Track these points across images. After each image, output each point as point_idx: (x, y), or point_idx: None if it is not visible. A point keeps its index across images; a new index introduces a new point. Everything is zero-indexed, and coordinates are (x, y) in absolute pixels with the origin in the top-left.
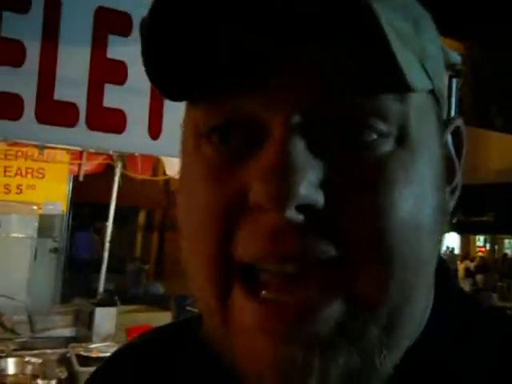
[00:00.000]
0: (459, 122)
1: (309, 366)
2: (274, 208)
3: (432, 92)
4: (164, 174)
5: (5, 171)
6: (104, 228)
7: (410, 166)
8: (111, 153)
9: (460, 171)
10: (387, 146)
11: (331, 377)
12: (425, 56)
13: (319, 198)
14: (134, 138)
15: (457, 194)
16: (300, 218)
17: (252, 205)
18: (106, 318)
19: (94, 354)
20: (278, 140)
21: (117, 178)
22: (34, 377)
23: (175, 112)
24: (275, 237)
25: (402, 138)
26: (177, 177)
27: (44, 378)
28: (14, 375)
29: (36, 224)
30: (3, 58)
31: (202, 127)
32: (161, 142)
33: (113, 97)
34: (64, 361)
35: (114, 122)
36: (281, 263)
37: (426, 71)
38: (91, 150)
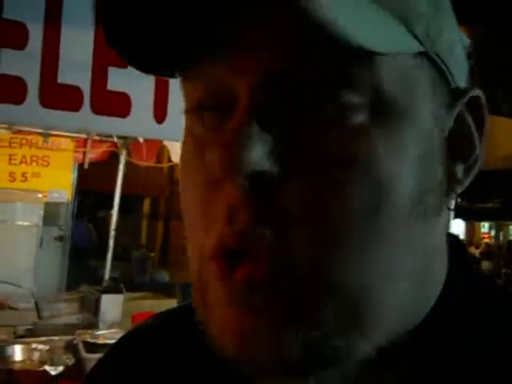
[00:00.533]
0: (477, 92)
1: (269, 338)
2: (226, 175)
3: (427, 56)
4: (169, 160)
5: (10, 159)
6: (109, 216)
7: (384, 141)
8: (116, 140)
9: (481, 147)
10: (357, 118)
11: (291, 349)
12: (411, 15)
13: (273, 169)
14: (139, 122)
15: (474, 171)
16: (252, 187)
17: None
18: (112, 305)
19: (100, 341)
20: (241, 108)
21: (122, 166)
22: (42, 363)
23: (181, 95)
24: (230, 217)
25: (377, 110)
26: None
27: (51, 364)
28: (22, 361)
29: (41, 212)
30: (5, 41)
31: (187, 100)
32: (166, 126)
33: (117, 80)
34: (71, 347)
35: (118, 105)
36: (239, 246)
37: (411, 31)
38: (96, 138)
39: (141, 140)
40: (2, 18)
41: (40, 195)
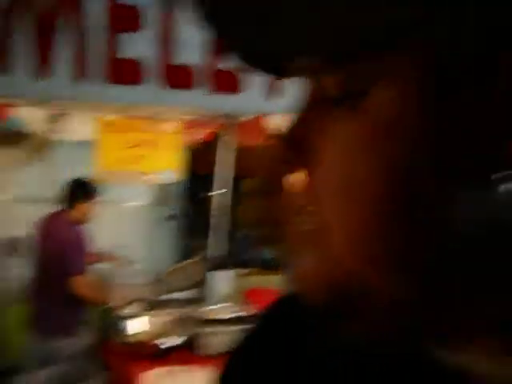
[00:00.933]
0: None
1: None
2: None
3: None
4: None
5: (119, 143)
6: (214, 196)
7: (366, 135)
8: (223, 121)
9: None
10: (341, 114)
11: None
12: None
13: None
14: (252, 98)
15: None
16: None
17: None
18: (222, 281)
19: (212, 316)
20: None
21: (227, 146)
22: (155, 336)
23: None
24: None
25: (356, 104)
26: None
27: (165, 337)
28: (137, 334)
29: (153, 193)
30: (121, 24)
31: None
32: (279, 101)
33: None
34: (184, 322)
35: (231, 82)
36: None
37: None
38: (203, 119)
39: (248, 119)
40: (117, 3)
41: (150, 177)
